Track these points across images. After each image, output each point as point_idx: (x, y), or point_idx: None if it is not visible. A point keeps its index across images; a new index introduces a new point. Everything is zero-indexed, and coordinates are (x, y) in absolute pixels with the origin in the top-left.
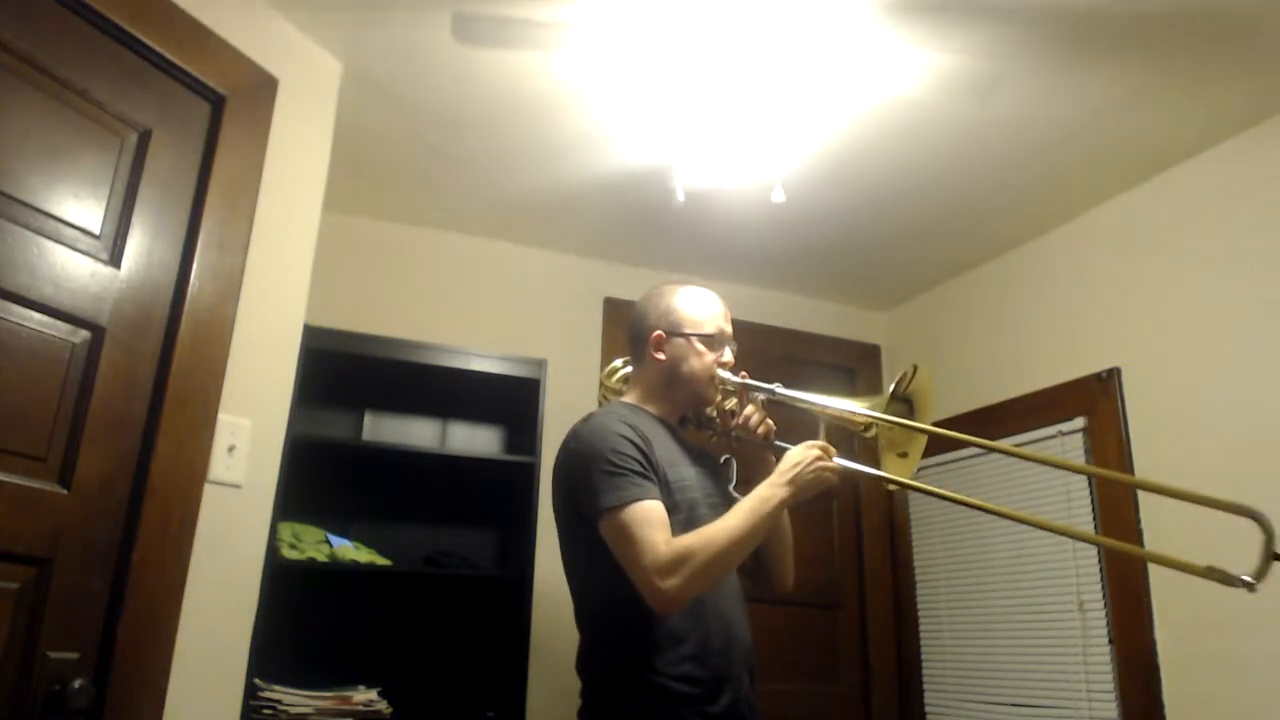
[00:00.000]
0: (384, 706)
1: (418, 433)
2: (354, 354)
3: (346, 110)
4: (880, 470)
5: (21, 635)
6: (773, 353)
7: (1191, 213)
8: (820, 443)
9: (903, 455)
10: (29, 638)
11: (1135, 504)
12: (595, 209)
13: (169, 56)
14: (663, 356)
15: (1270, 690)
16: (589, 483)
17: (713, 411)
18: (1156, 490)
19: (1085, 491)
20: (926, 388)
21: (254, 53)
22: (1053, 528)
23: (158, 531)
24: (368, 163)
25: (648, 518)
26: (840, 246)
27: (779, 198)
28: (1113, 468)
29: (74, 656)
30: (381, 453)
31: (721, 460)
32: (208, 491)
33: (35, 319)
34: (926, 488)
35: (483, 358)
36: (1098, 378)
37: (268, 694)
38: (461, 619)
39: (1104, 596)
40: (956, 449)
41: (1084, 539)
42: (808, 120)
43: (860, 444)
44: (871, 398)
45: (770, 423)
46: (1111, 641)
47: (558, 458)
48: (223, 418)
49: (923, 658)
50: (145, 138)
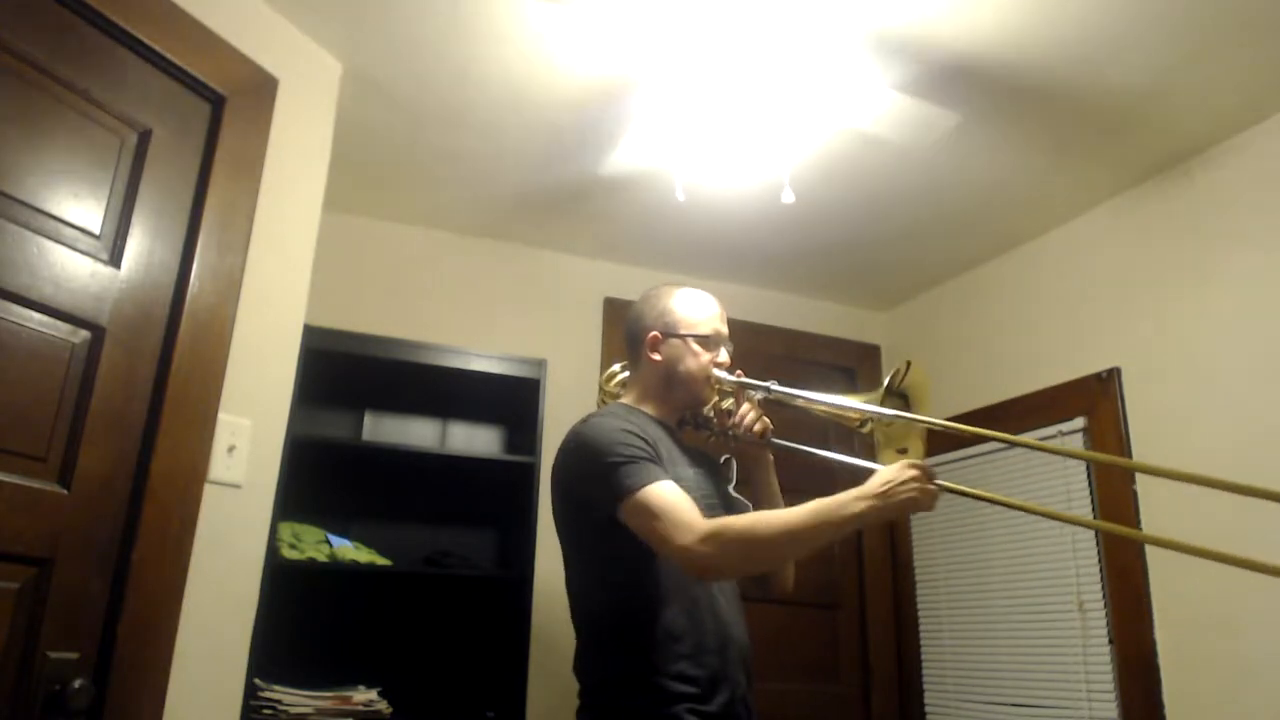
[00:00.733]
0: (384, 706)
1: (418, 433)
2: (354, 354)
3: (346, 110)
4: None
5: (21, 635)
6: (773, 353)
7: (1192, 213)
8: (919, 461)
9: (902, 451)
10: (29, 638)
11: (1135, 505)
12: (595, 209)
13: (169, 56)
14: (659, 357)
15: (1270, 690)
16: (602, 474)
17: (710, 412)
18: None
19: (1085, 492)
20: (922, 383)
21: (254, 53)
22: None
23: (158, 531)
24: (368, 163)
25: (674, 495)
26: (840, 246)
27: (788, 198)
28: (1113, 468)
29: (74, 656)
30: (381, 453)
31: (721, 460)
32: (208, 491)
33: (35, 319)
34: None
35: (483, 358)
36: (1098, 378)
37: (268, 694)
38: (461, 619)
39: (1104, 596)
40: (956, 449)
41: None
42: (808, 120)
43: (858, 441)
44: (867, 394)
45: (767, 420)
46: (1111, 641)
47: (557, 461)
48: (223, 418)
49: (923, 658)
50: (145, 138)
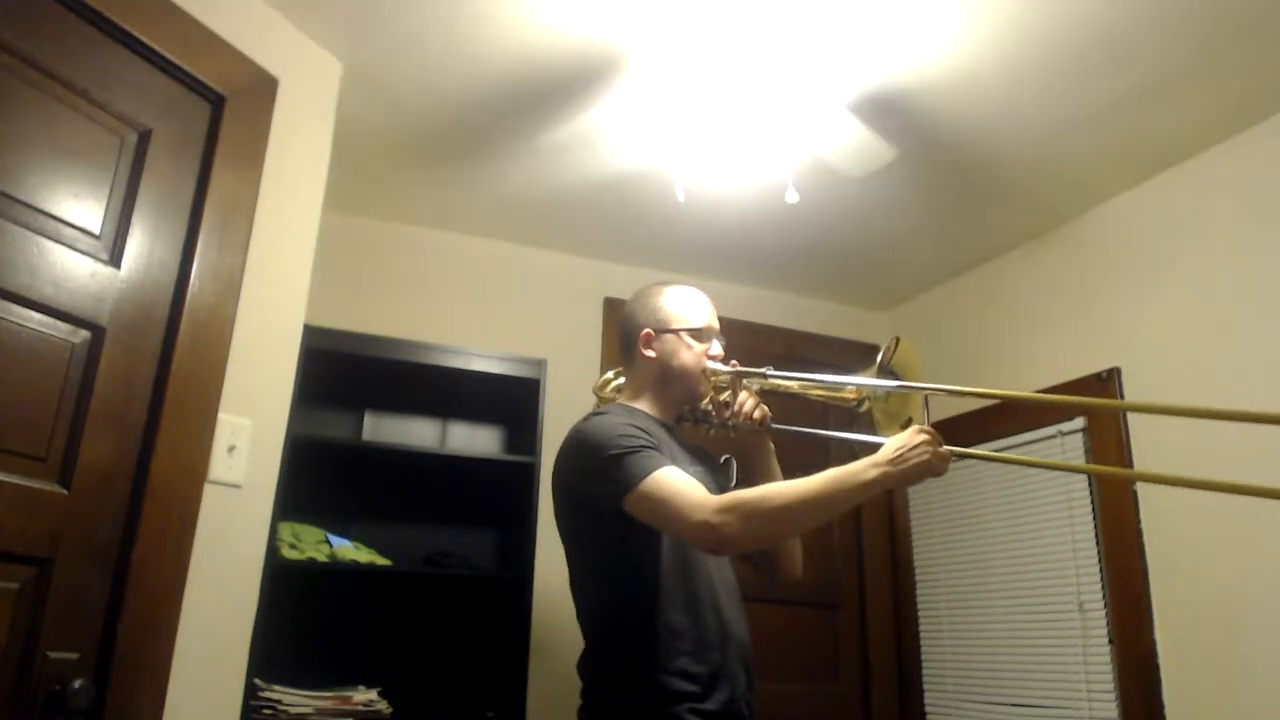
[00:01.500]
0: (384, 706)
1: (418, 433)
2: (354, 354)
3: (346, 110)
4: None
5: (21, 635)
6: (773, 352)
7: (1192, 213)
8: (927, 427)
9: (906, 424)
10: (29, 638)
11: (1135, 504)
12: (595, 209)
13: (169, 56)
14: (653, 354)
15: (1270, 690)
16: (604, 468)
17: (708, 405)
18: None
19: (1085, 491)
20: (912, 358)
21: (254, 53)
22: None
23: (158, 531)
24: (368, 163)
25: (681, 477)
26: (840, 246)
27: (792, 198)
28: (1111, 457)
29: (74, 656)
30: (381, 453)
31: (721, 460)
32: (208, 491)
33: (35, 319)
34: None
35: (483, 358)
36: (1098, 378)
37: (268, 694)
38: (461, 619)
39: (1104, 596)
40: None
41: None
42: (808, 120)
43: (861, 421)
44: (858, 374)
45: (765, 408)
46: (1111, 641)
47: (558, 460)
48: (223, 418)
49: (923, 658)
50: (145, 138)
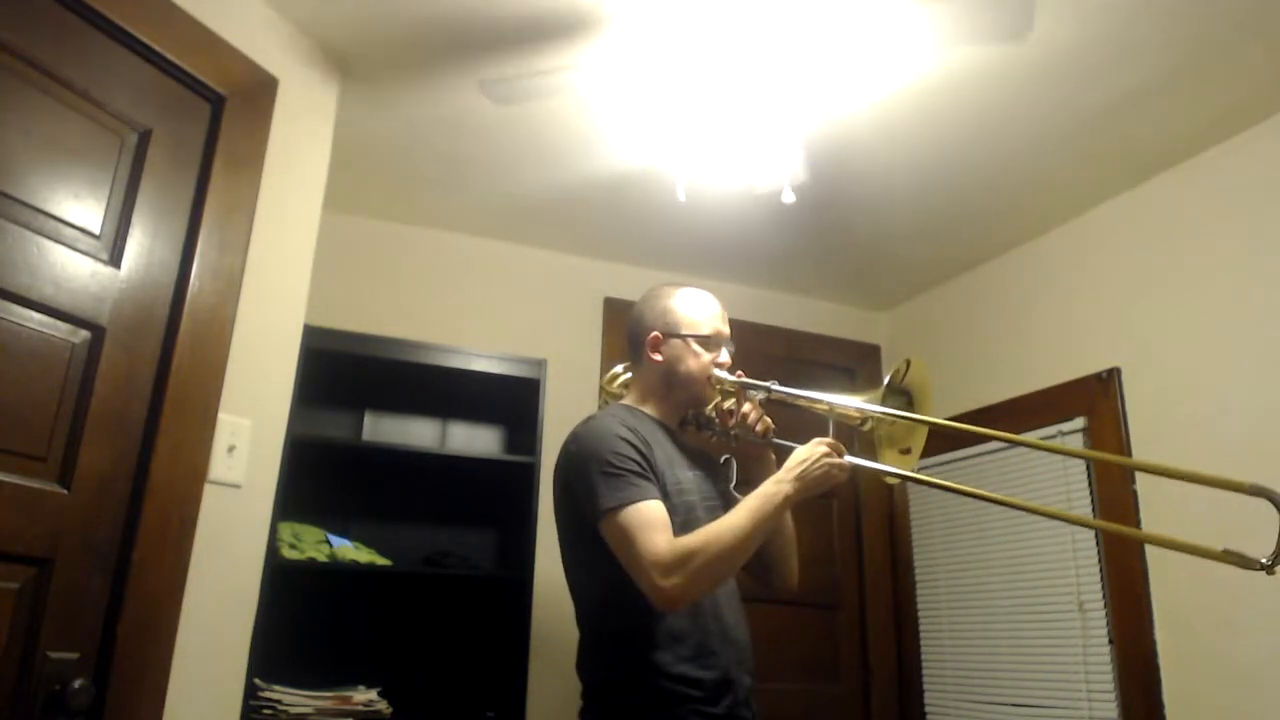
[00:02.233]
0: (384, 706)
1: (418, 433)
2: (354, 354)
3: (346, 111)
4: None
5: (21, 635)
6: (773, 353)
7: (1192, 213)
8: (829, 439)
9: (905, 451)
10: (29, 638)
11: (1135, 504)
12: (595, 209)
13: (169, 56)
14: (660, 358)
15: (1270, 690)
16: (588, 485)
17: (711, 412)
18: (1173, 474)
19: (1085, 491)
20: (924, 380)
21: (254, 53)
22: (1055, 514)
23: (158, 531)
24: (368, 163)
25: (648, 519)
26: (840, 246)
27: (788, 199)
28: (1112, 466)
29: (74, 656)
30: (381, 453)
31: (721, 461)
32: (208, 491)
33: (35, 319)
34: (932, 480)
35: (483, 358)
36: (1098, 378)
37: (268, 694)
38: (461, 619)
39: (1104, 596)
40: (955, 449)
41: (1086, 524)
42: (808, 120)
43: (859, 440)
44: (868, 392)
45: (768, 420)
46: (1111, 641)
47: (558, 460)
48: (223, 418)
49: (923, 658)
50: (145, 138)
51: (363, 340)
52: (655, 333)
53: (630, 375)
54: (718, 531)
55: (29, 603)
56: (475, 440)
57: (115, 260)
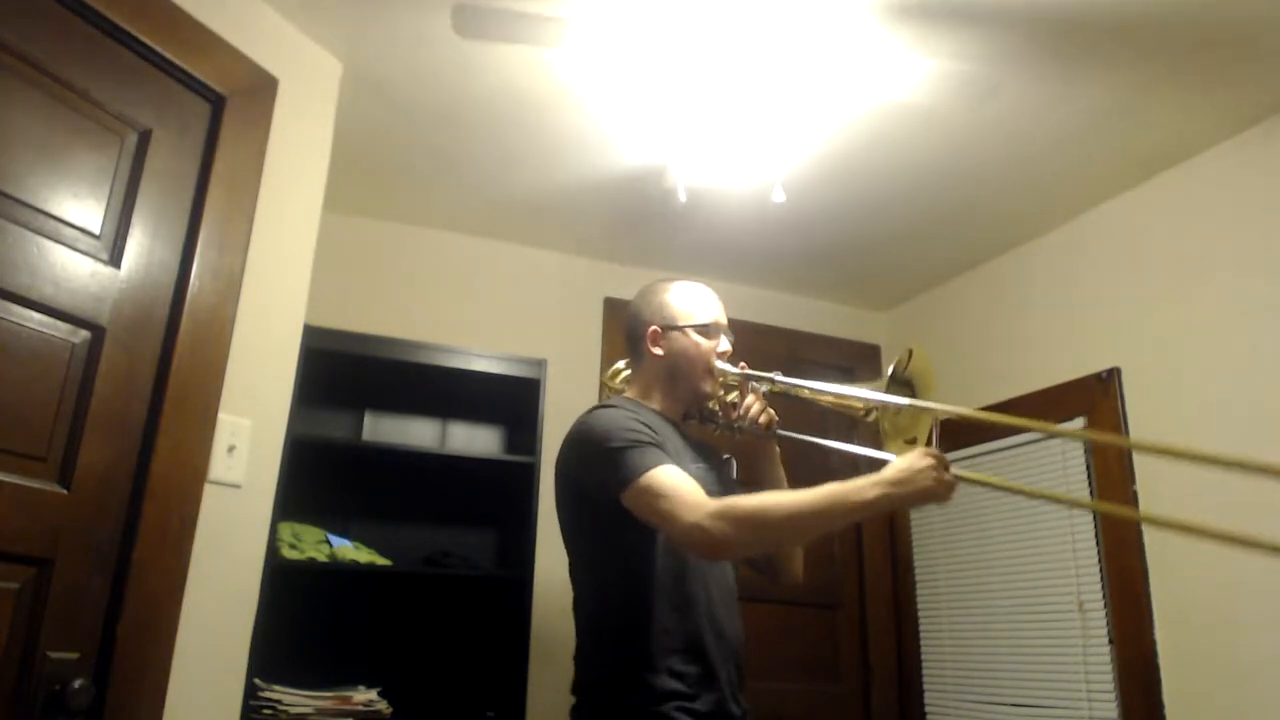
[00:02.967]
0: (384, 706)
1: (418, 433)
2: (354, 354)
3: (346, 110)
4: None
5: (21, 635)
6: (773, 352)
7: (1192, 213)
8: (934, 451)
9: (910, 441)
10: (29, 638)
11: (1135, 502)
12: (595, 209)
13: (169, 56)
14: (660, 351)
15: (1270, 690)
16: (606, 461)
17: (714, 405)
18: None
19: (1085, 490)
20: (927, 369)
21: (254, 53)
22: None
23: (158, 531)
24: (368, 163)
25: (680, 476)
26: (840, 246)
27: (779, 198)
28: (1112, 468)
29: (74, 656)
30: (381, 453)
31: (723, 458)
32: (208, 491)
33: (35, 319)
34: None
35: (483, 358)
36: (1098, 378)
37: (268, 694)
38: (461, 619)
39: (1104, 596)
40: (958, 447)
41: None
42: (808, 120)
43: (862, 430)
44: (870, 383)
45: (772, 412)
46: (1111, 641)
47: (562, 451)
48: (223, 418)
49: (923, 658)
50: (145, 138)
51: (363, 340)
52: (654, 327)
53: (631, 372)
54: (778, 496)
55: (29, 603)
56: (475, 440)
57: (115, 260)
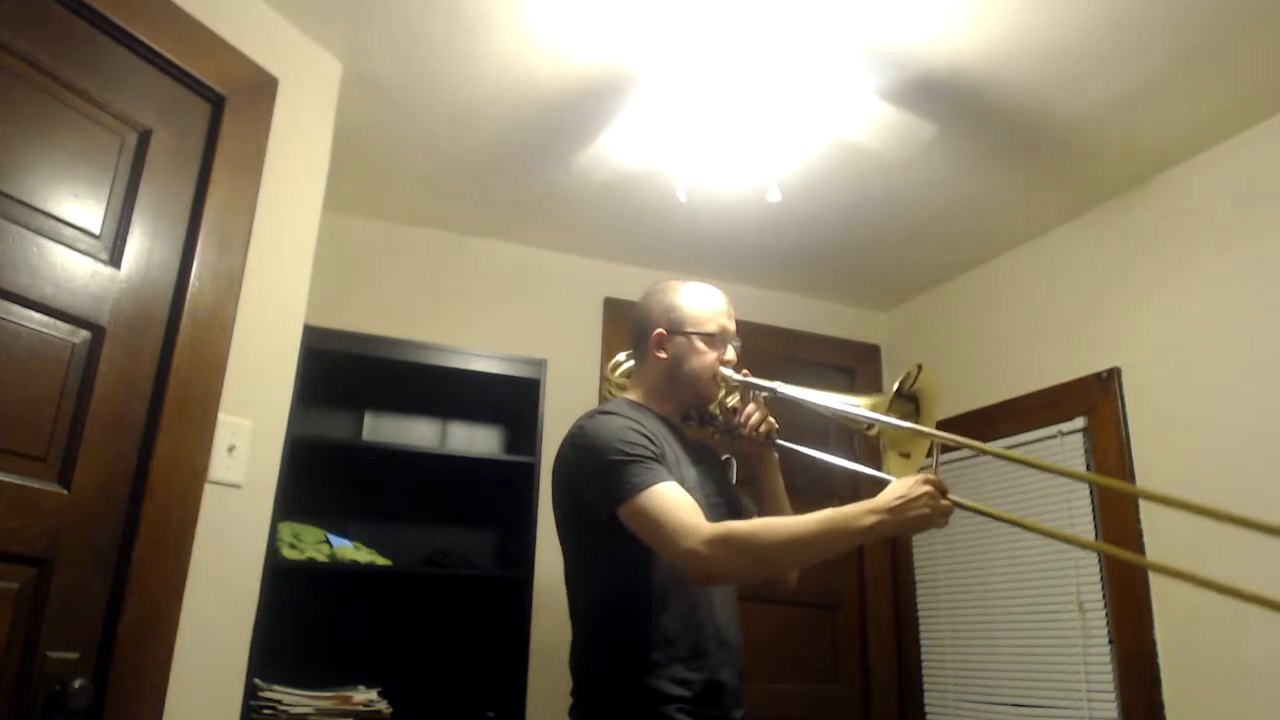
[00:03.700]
0: (384, 706)
1: (418, 433)
2: (354, 354)
3: (346, 110)
4: (883, 472)
5: (21, 635)
6: (773, 353)
7: (1191, 213)
8: (933, 477)
9: (905, 455)
10: (29, 638)
11: (1137, 513)
12: (595, 209)
13: (169, 56)
14: (664, 355)
15: (1270, 690)
16: (604, 473)
17: (715, 409)
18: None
19: (1085, 492)
20: (933, 387)
21: (254, 53)
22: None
23: (158, 531)
24: (368, 163)
25: (678, 496)
26: (840, 246)
27: (774, 197)
28: (1112, 468)
29: (74, 656)
30: (381, 453)
31: (722, 459)
32: (208, 491)
33: (35, 319)
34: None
35: (483, 358)
36: (1098, 378)
37: (268, 694)
38: (461, 619)
39: (1104, 597)
40: (956, 451)
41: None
42: (807, 120)
43: (862, 442)
44: (874, 395)
45: (772, 420)
46: (1111, 641)
47: (560, 454)
48: (223, 418)
49: (923, 658)
50: (145, 138)
51: (363, 340)
52: (660, 330)
53: (633, 364)
54: (774, 524)
55: (29, 603)
56: (475, 440)
57: (115, 260)
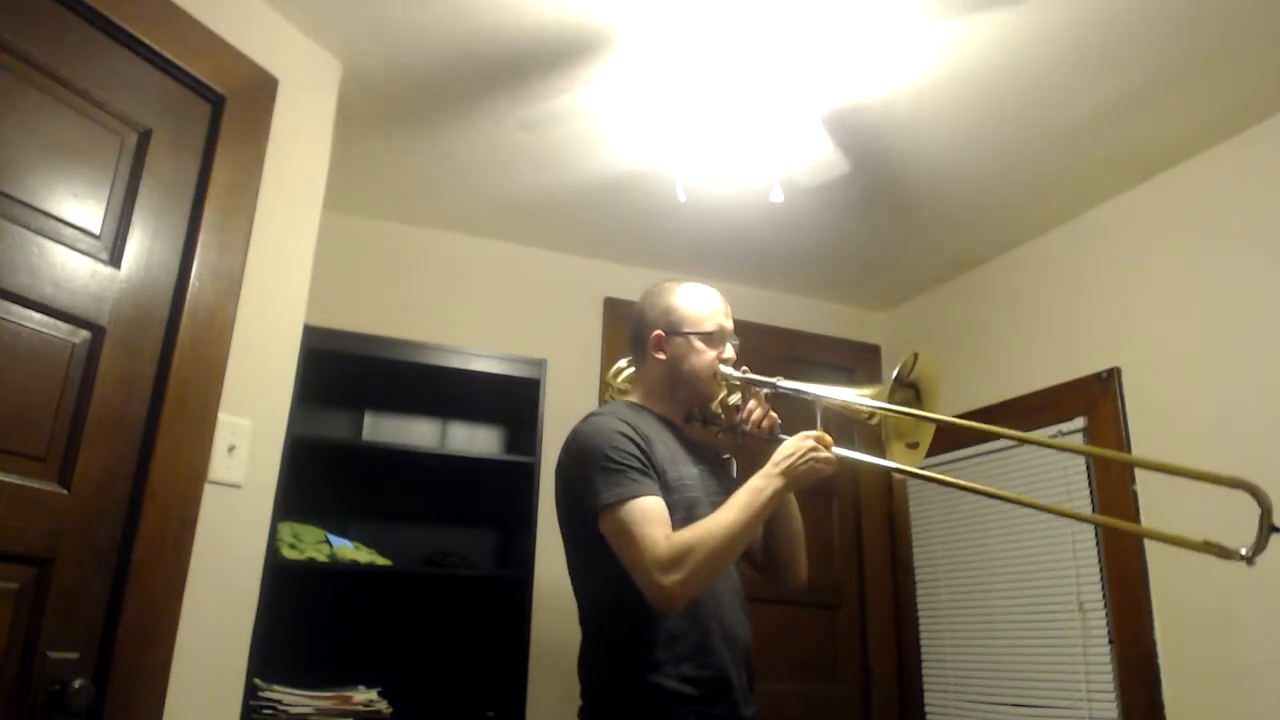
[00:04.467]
0: (384, 706)
1: (418, 433)
2: (354, 354)
3: (346, 110)
4: (879, 457)
5: (21, 635)
6: (773, 352)
7: (1191, 212)
8: (815, 432)
9: (913, 445)
10: (29, 638)
11: (1135, 503)
12: (595, 209)
13: (169, 56)
14: (663, 356)
15: (1270, 690)
16: (588, 481)
17: (717, 407)
18: (1154, 467)
19: (1085, 491)
20: (933, 373)
21: (254, 53)
22: (1051, 509)
23: (158, 531)
24: (368, 163)
25: (647, 514)
26: (840, 246)
27: (777, 198)
28: (1112, 468)
29: (74, 656)
30: (381, 453)
31: (724, 458)
32: (208, 491)
33: (35, 319)
34: (931, 475)
35: (483, 358)
36: (1098, 378)
37: (268, 694)
38: (461, 619)
39: (1104, 596)
40: (958, 447)
41: (1081, 518)
42: (808, 119)
43: (865, 433)
44: (874, 386)
45: (774, 415)
46: (1111, 641)
47: (560, 457)
48: (223, 418)
49: (923, 658)
50: (145, 138)
51: (363, 340)
52: (658, 331)
53: (634, 370)
54: (709, 528)
55: (29, 603)
56: (475, 440)
57: (115, 260)
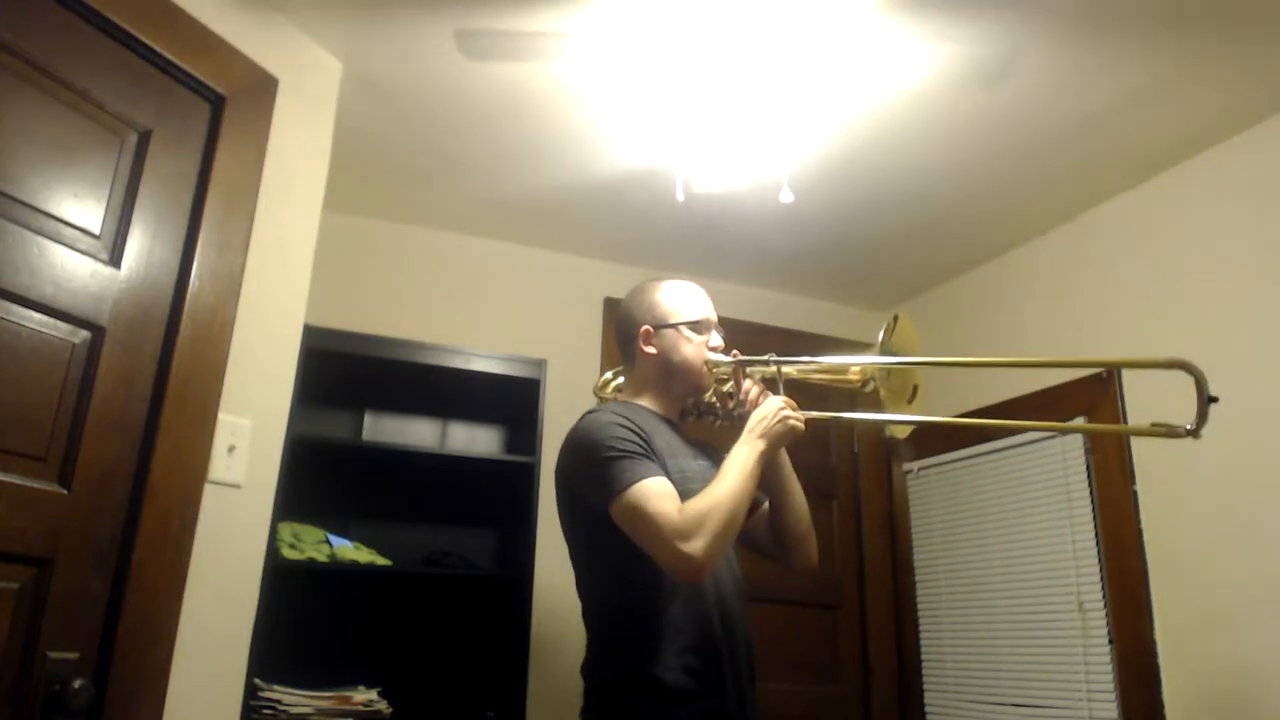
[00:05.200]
0: (384, 706)
1: (418, 433)
2: (354, 354)
3: (346, 110)
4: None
5: (21, 635)
6: (772, 352)
7: (1191, 212)
8: (783, 397)
9: (912, 398)
10: (29, 638)
11: (1135, 505)
12: (595, 209)
13: (169, 56)
14: (653, 350)
15: (1270, 690)
16: (593, 472)
17: (711, 397)
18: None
19: (1085, 490)
20: (909, 334)
21: (254, 53)
22: (1039, 426)
23: (158, 531)
24: (368, 163)
25: (656, 492)
26: (840, 246)
27: (787, 198)
28: (1112, 468)
29: (74, 656)
30: (381, 453)
31: (726, 456)
32: (208, 491)
33: (35, 319)
34: (924, 419)
35: (483, 358)
36: (1098, 378)
37: (268, 694)
38: (461, 619)
39: (1104, 597)
40: (956, 448)
41: (1068, 430)
42: (808, 119)
43: (864, 402)
44: (863, 354)
45: (770, 393)
46: (1111, 641)
47: (559, 456)
48: (223, 418)
49: (923, 658)
50: (145, 138)
51: (363, 340)
52: (645, 326)
53: (622, 380)
54: (714, 495)
55: (29, 603)
56: (475, 440)
57: (115, 260)
